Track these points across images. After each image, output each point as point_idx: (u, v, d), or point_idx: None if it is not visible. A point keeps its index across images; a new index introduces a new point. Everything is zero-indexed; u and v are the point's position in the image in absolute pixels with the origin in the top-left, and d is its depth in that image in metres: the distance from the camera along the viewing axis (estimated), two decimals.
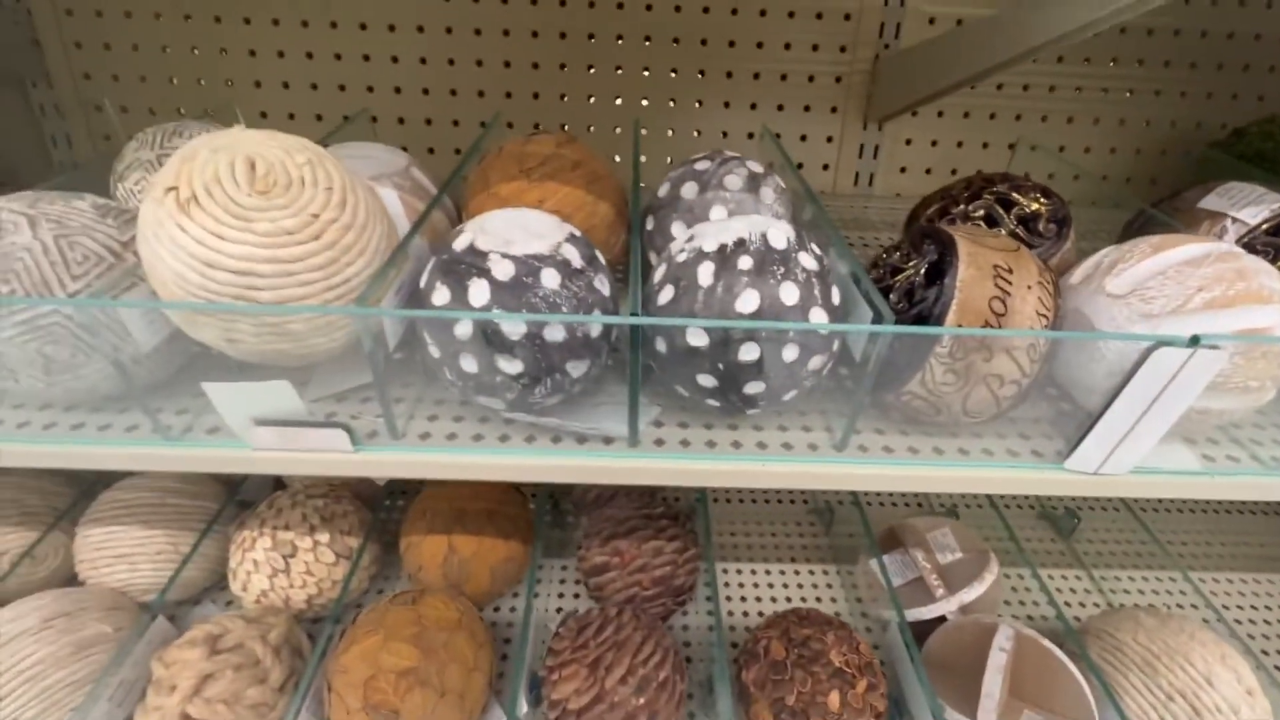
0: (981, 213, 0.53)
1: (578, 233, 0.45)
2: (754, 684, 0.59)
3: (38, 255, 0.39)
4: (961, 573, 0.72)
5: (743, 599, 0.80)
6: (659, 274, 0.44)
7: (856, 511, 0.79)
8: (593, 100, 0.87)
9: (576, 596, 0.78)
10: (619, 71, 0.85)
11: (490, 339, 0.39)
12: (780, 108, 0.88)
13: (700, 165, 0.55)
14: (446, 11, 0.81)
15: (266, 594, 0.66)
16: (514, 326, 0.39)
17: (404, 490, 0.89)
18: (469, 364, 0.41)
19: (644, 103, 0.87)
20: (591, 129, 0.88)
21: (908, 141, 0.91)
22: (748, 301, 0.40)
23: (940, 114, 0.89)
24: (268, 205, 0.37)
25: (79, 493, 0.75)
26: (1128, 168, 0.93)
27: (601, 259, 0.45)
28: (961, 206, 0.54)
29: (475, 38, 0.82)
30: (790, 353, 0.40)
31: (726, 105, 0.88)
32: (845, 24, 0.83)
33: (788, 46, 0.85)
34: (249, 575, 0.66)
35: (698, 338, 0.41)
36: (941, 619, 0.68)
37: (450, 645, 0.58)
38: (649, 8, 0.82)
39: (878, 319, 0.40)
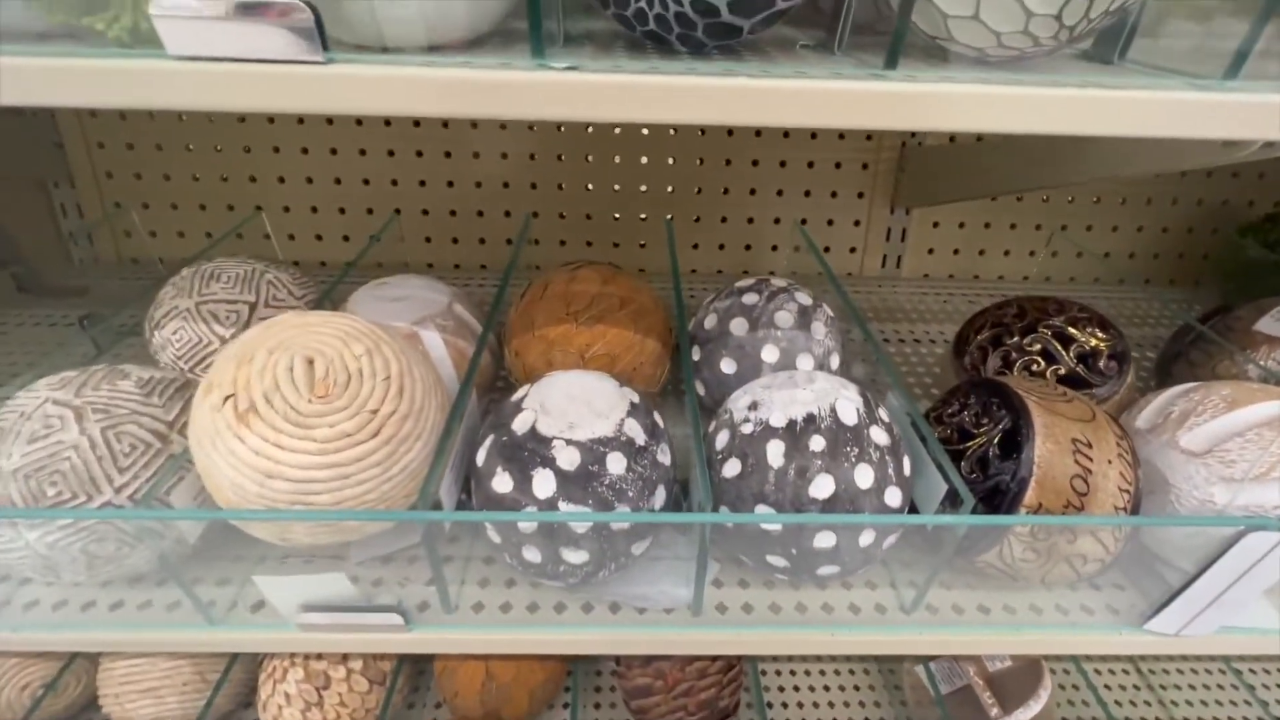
0: (1038, 347, 0.52)
1: (636, 398, 0.43)
2: None
3: (85, 452, 0.38)
4: (1013, 683, 0.69)
5: (784, 704, 0.77)
6: (721, 441, 0.43)
7: None
8: (618, 188, 0.86)
9: (613, 706, 0.76)
10: (644, 160, 0.85)
11: (556, 533, 0.38)
12: (807, 193, 0.88)
13: (748, 299, 0.54)
14: (473, 137, 0.81)
15: None
16: (583, 522, 0.38)
17: None
18: (532, 554, 0.39)
19: (669, 189, 0.87)
20: (618, 216, 0.88)
21: (934, 224, 0.90)
22: (822, 487, 0.38)
23: None
24: (327, 409, 0.35)
25: None
26: (1155, 244, 0.92)
27: (660, 424, 0.44)
28: (1016, 339, 0.53)
29: (502, 160, 0.82)
30: (866, 538, 0.39)
31: (752, 192, 0.87)
32: None
33: (814, 135, 0.84)
34: (280, 709, 0.63)
35: (771, 525, 0.39)
36: None
37: None
38: None
39: (955, 498, 0.38)
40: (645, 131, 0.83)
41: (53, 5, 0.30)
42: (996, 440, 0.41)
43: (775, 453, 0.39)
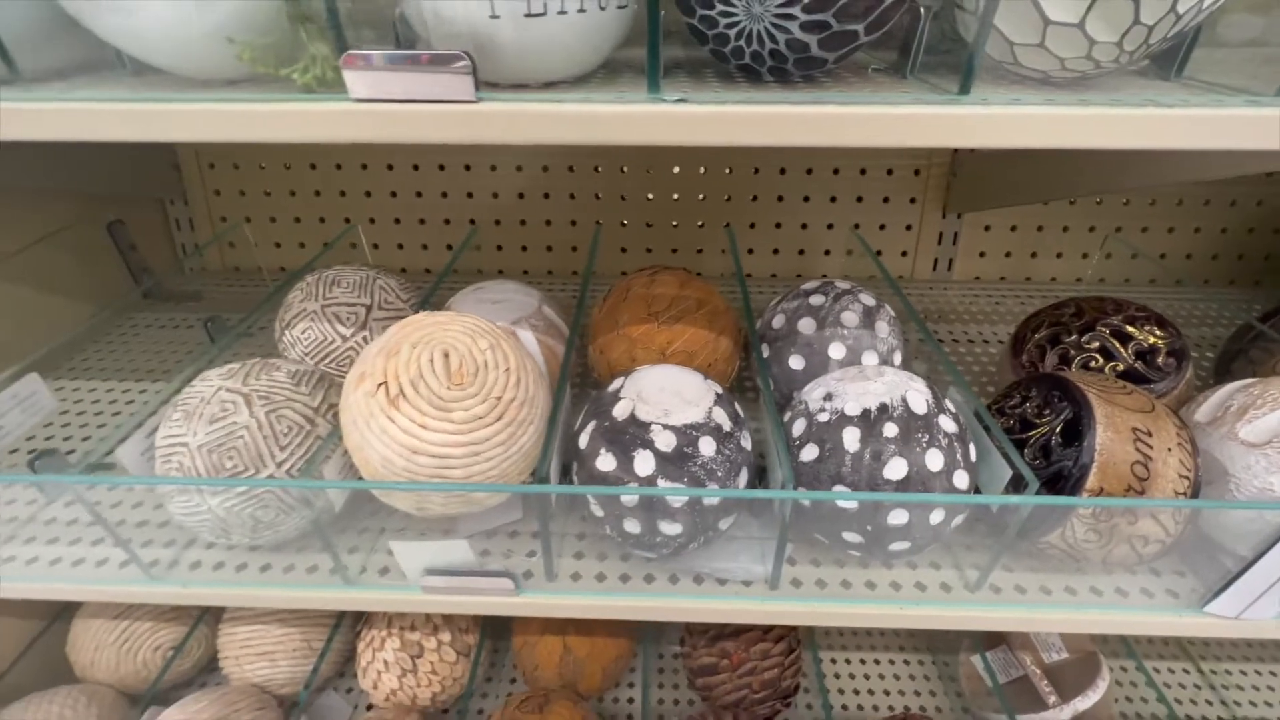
0: (1096, 345, 0.54)
1: (720, 390, 0.48)
2: None
3: (254, 431, 0.44)
4: (1070, 675, 0.71)
5: (840, 691, 0.80)
6: (798, 429, 0.47)
7: None
8: (676, 197, 0.91)
9: (675, 687, 0.80)
10: (702, 171, 0.90)
11: (655, 506, 0.43)
12: (859, 199, 0.91)
13: (815, 300, 0.58)
14: (542, 153, 0.87)
15: (396, 693, 0.70)
16: (679, 496, 0.42)
17: None
18: (632, 526, 0.44)
19: (726, 198, 0.91)
20: (676, 224, 0.93)
21: (986, 228, 0.92)
22: (895, 469, 0.42)
23: None
24: (462, 396, 0.41)
25: None
26: (1214, 245, 0.92)
27: (741, 413, 0.48)
28: (1074, 337, 0.55)
29: (569, 174, 0.88)
30: (937, 516, 0.43)
31: (806, 199, 0.91)
32: None
33: None
34: (379, 675, 0.70)
35: (848, 502, 0.43)
36: None
37: None
38: None
39: (1020, 481, 0.42)
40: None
41: (256, 59, 0.37)
42: (1059, 429, 0.45)
43: (851, 438, 0.43)
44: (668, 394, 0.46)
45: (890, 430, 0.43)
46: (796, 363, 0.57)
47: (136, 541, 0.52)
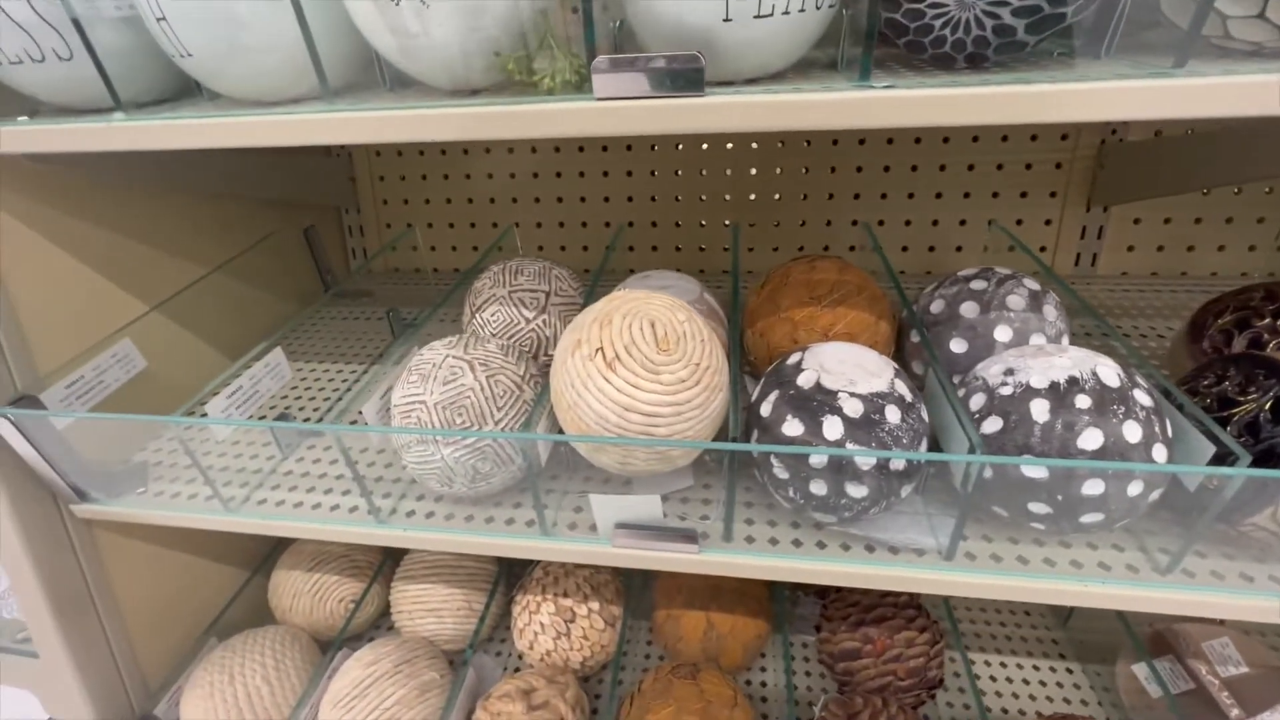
0: None
1: (896, 365, 0.50)
2: None
3: (478, 394, 0.51)
4: (1252, 690, 0.67)
5: (981, 692, 0.79)
6: (977, 403, 0.48)
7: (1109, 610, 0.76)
8: (806, 197, 0.94)
9: (808, 675, 0.81)
10: (833, 169, 0.92)
11: (845, 469, 0.45)
12: (995, 195, 0.90)
13: (976, 284, 0.59)
14: (681, 157, 0.93)
15: (550, 654, 0.75)
16: (868, 459, 0.45)
17: None
18: (818, 488, 0.47)
19: (854, 195, 0.93)
20: (803, 223, 0.95)
21: (1135, 221, 0.89)
22: (1090, 439, 0.43)
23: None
24: (669, 360, 0.46)
25: (384, 552, 0.90)
26: None
27: (916, 388, 0.50)
28: (1266, 320, 0.53)
29: (700, 177, 0.93)
30: (1135, 488, 0.43)
31: (938, 196, 0.91)
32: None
33: (1005, 138, 0.87)
34: (535, 636, 0.76)
35: (1037, 471, 0.44)
36: None
37: None
38: None
39: (1222, 460, 0.41)
40: (835, 143, 0.90)
41: (509, 66, 0.43)
42: (1268, 406, 0.43)
43: (1040, 409, 0.44)
44: (849, 366, 0.49)
45: (1083, 402, 0.43)
46: (958, 346, 0.58)
47: (357, 492, 0.61)
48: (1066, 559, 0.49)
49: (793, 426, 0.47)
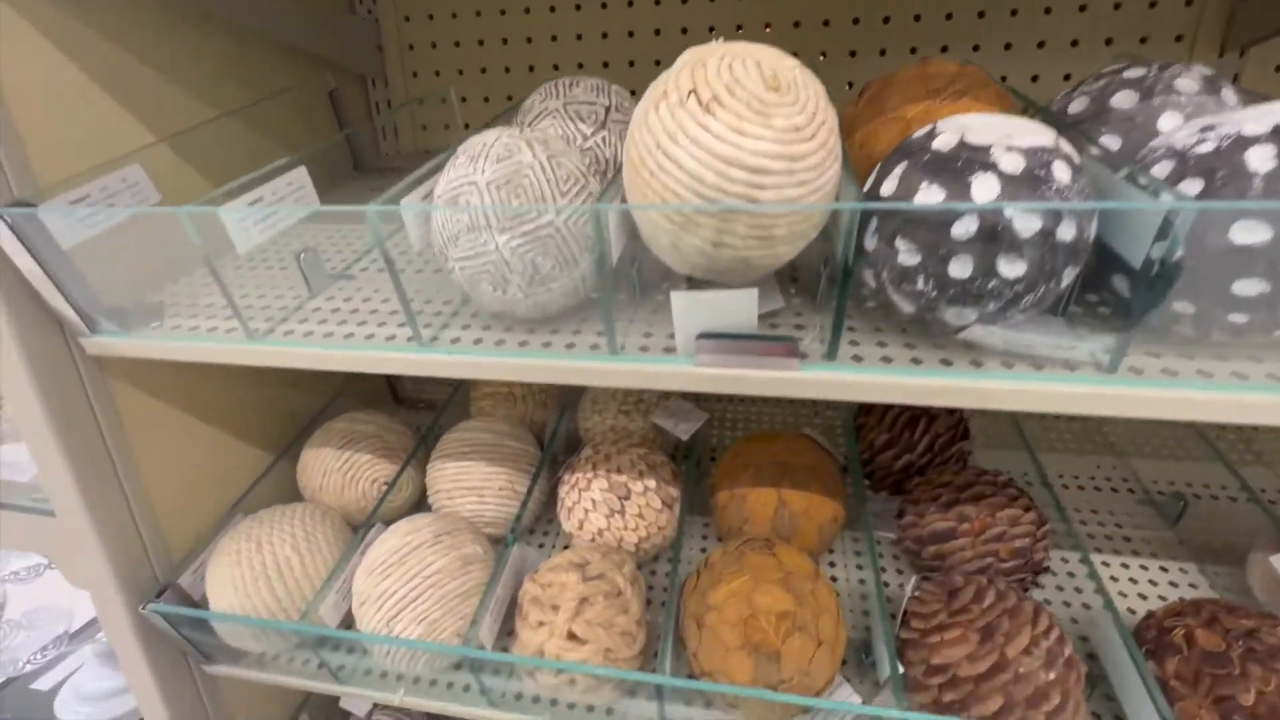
0: None
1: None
2: (1177, 678, 0.51)
3: (538, 173, 0.43)
4: None
5: (1096, 591, 0.70)
6: (1163, 169, 0.39)
7: (1229, 506, 0.67)
8: (885, 54, 0.83)
9: (883, 570, 0.73)
10: (917, 21, 0.81)
11: (998, 237, 0.36)
12: (1109, 41, 0.78)
13: (1131, 74, 0.49)
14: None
15: (602, 533, 0.68)
16: (1030, 223, 0.36)
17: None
18: (960, 268, 0.38)
19: (943, 51, 0.82)
20: (883, 53, 0.84)
21: (1277, 68, 0.76)
22: None
23: None
24: (781, 101, 0.37)
25: (418, 434, 0.84)
26: None
27: None
28: None
29: None
30: None
31: (1040, 45, 0.80)
32: None
33: None
34: (586, 514, 0.69)
35: (1251, 234, 0.34)
36: None
37: (816, 595, 0.55)
38: None
39: None
40: None
41: None
42: None
43: (1261, 158, 0.35)
44: (998, 124, 0.39)
45: None
46: (1111, 142, 0.48)
47: (394, 323, 0.53)
48: (1262, 372, 0.40)
49: (931, 194, 0.38)
